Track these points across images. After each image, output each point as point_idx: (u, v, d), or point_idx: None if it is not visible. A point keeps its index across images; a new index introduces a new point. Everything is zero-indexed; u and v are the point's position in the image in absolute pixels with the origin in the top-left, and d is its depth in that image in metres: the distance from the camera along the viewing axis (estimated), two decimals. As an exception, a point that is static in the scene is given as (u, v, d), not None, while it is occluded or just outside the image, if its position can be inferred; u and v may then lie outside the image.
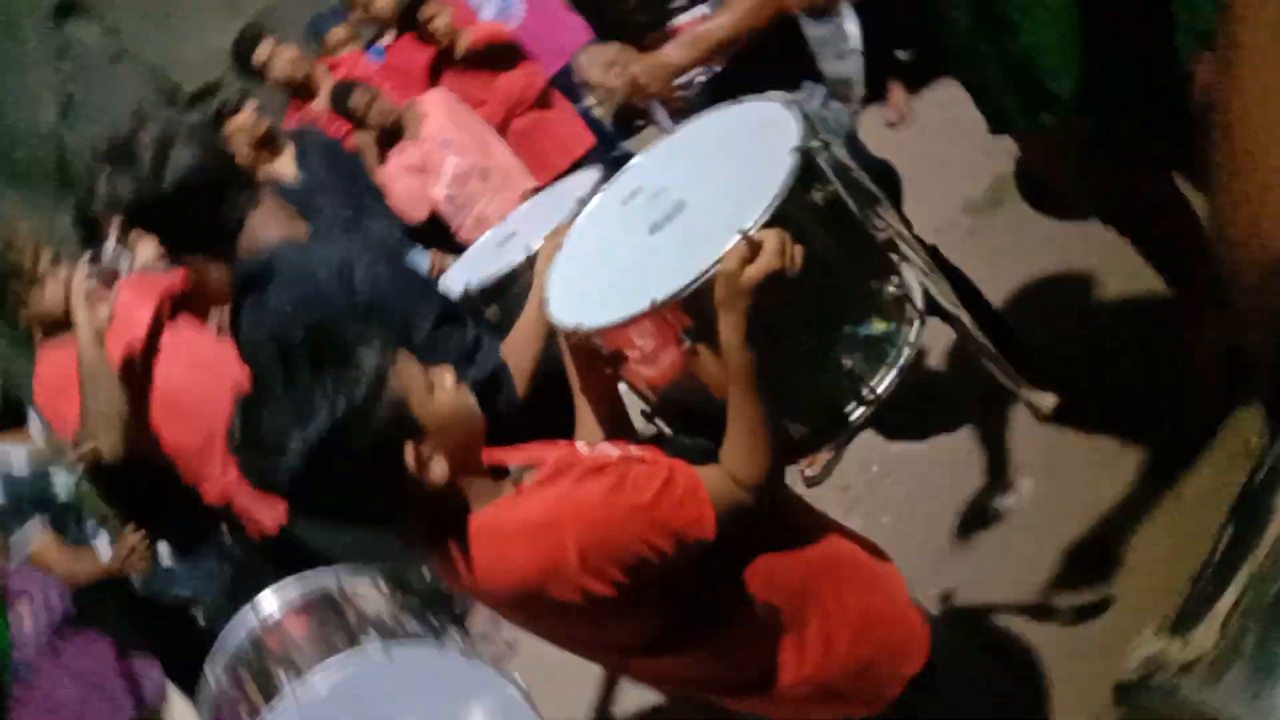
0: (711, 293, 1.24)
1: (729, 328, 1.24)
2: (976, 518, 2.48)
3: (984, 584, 2.32)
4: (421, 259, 3.71)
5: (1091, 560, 2.17)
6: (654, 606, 1.33)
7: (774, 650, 1.41)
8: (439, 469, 1.23)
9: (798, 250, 1.24)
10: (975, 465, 2.60)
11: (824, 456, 2.81)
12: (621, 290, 1.34)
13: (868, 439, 2.74)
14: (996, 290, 2.89)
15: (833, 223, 1.36)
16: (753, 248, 1.21)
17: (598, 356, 1.44)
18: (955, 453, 2.68)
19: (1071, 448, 2.40)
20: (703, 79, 2.23)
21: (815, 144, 1.33)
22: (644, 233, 1.40)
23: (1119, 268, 2.56)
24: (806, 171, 1.30)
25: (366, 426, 1.19)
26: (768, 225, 1.24)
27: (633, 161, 1.55)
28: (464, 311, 1.90)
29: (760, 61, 2.06)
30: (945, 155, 3.57)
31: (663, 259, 1.34)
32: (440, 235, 3.84)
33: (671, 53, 2.03)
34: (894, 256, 1.51)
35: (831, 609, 1.42)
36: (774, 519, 1.39)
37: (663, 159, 1.54)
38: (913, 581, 1.59)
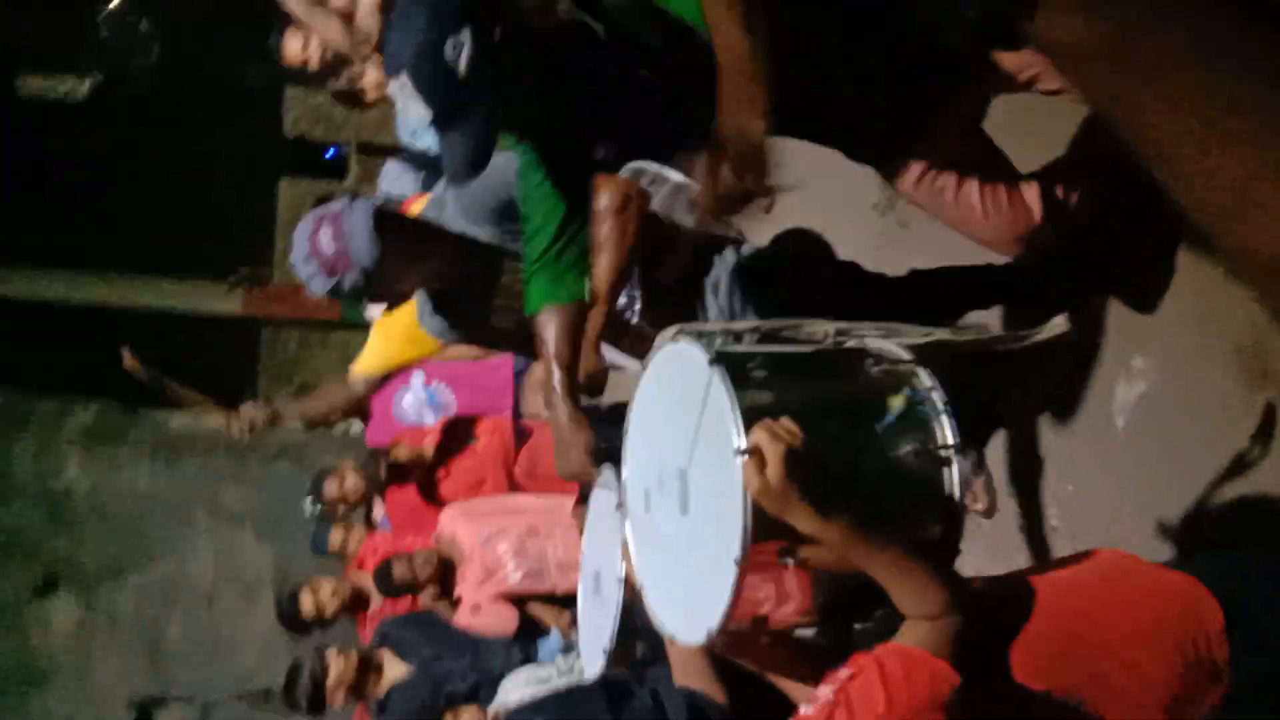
0: (765, 515, 1.26)
1: (802, 523, 1.27)
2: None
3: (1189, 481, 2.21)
4: (550, 641, 3.72)
5: None
6: None
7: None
8: None
9: (786, 422, 1.28)
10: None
11: (978, 488, 2.73)
12: (709, 575, 1.36)
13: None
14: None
15: (788, 376, 1.42)
16: (756, 455, 1.25)
17: (744, 635, 1.44)
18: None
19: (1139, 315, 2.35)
20: (635, 307, 2.32)
21: (719, 341, 1.39)
22: (680, 518, 1.44)
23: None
24: (732, 367, 1.37)
25: None
26: (748, 430, 1.28)
27: (624, 478, 1.61)
28: (623, 675, 1.90)
29: None
30: (825, 190, 3.66)
31: (712, 524, 1.37)
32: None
33: (591, 328, 1.97)
34: (850, 342, 1.55)
35: (1112, 640, 1.38)
36: (982, 616, 1.35)
37: (641, 457, 1.60)
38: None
